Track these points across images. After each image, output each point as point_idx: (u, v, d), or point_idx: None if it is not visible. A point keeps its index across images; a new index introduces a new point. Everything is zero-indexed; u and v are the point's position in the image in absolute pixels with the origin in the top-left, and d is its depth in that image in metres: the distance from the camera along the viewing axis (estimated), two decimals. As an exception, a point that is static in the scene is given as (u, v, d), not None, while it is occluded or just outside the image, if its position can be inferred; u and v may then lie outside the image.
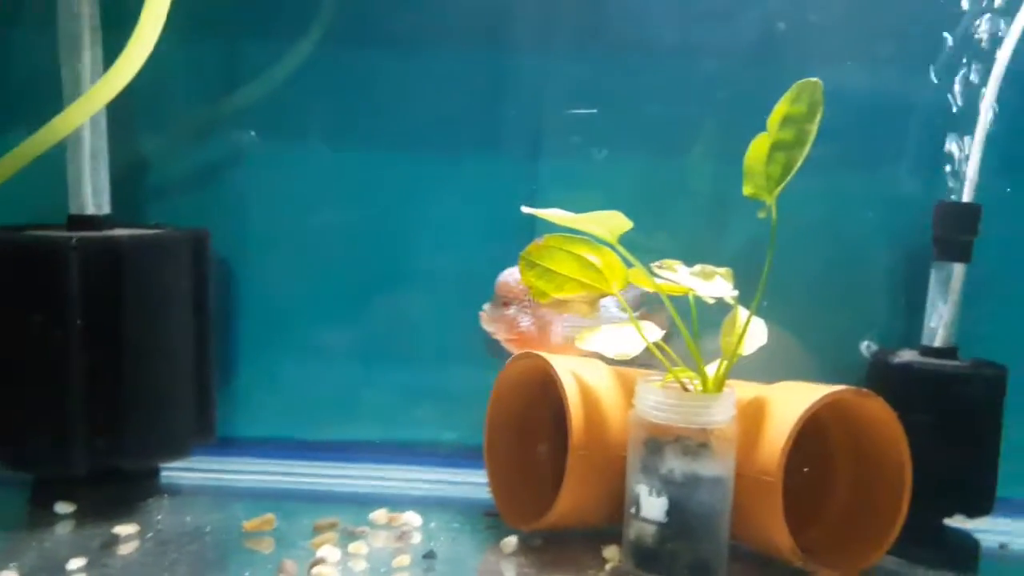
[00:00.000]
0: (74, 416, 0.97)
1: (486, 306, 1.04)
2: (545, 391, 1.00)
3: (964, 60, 1.03)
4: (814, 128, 0.81)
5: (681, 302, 0.89)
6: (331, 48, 1.13)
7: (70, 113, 0.96)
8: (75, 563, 0.87)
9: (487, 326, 1.03)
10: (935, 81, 1.06)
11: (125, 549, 0.91)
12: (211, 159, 1.17)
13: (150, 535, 0.95)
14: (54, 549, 0.91)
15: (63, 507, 1.00)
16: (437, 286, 1.16)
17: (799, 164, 0.81)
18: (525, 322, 1.01)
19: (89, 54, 1.02)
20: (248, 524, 0.97)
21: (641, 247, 0.89)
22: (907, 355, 1.00)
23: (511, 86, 1.13)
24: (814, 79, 0.81)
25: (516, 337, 1.03)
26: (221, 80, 1.15)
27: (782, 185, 0.82)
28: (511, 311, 1.02)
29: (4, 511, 1.02)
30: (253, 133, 1.15)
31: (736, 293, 0.86)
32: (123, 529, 0.94)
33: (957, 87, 1.03)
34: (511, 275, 1.02)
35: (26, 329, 0.96)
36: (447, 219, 1.15)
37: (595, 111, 1.11)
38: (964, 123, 1.02)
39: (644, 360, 0.92)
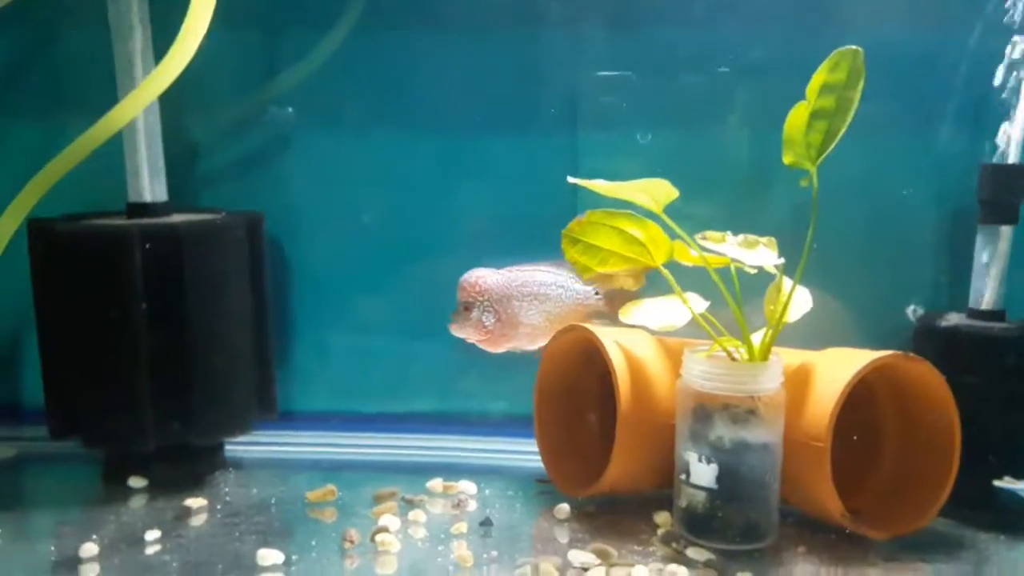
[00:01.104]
0: (144, 395, 1.01)
1: (452, 315, 1.05)
2: (590, 362, 1.02)
3: (1011, 17, 1.01)
4: (856, 96, 0.80)
5: (720, 272, 0.90)
6: (368, 31, 1.14)
7: (126, 105, 0.99)
8: (151, 535, 0.91)
9: (457, 333, 1.04)
10: (981, 39, 1.04)
11: (196, 521, 0.96)
12: (258, 144, 1.19)
13: (219, 507, 0.99)
14: (130, 522, 0.96)
15: (136, 482, 1.05)
16: (480, 261, 1.17)
17: (842, 132, 0.81)
18: (489, 320, 1.02)
19: (140, 39, 1.05)
20: (311, 495, 1.01)
21: (681, 216, 0.90)
22: (954, 318, 1.00)
23: (546, 62, 1.13)
24: (853, 47, 0.81)
25: (486, 337, 1.04)
26: (264, 66, 1.18)
27: (825, 154, 0.82)
28: (474, 313, 1.02)
29: (80, 487, 1.07)
30: (291, 110, 1.17)
31: (781, 262, 0.87)
32: (193, 502, 0.99)
33: (1005, 46, 1.01)
34: (466, 279, 1.03)
35: (94, 314, 1.01)
36: (488, 195, 1.17)
37: (629, 74, 1.11)
38: (1011, 83, 1.00)
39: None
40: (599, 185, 0.89)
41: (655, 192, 0.88)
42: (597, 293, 1.05)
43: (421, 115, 1.16)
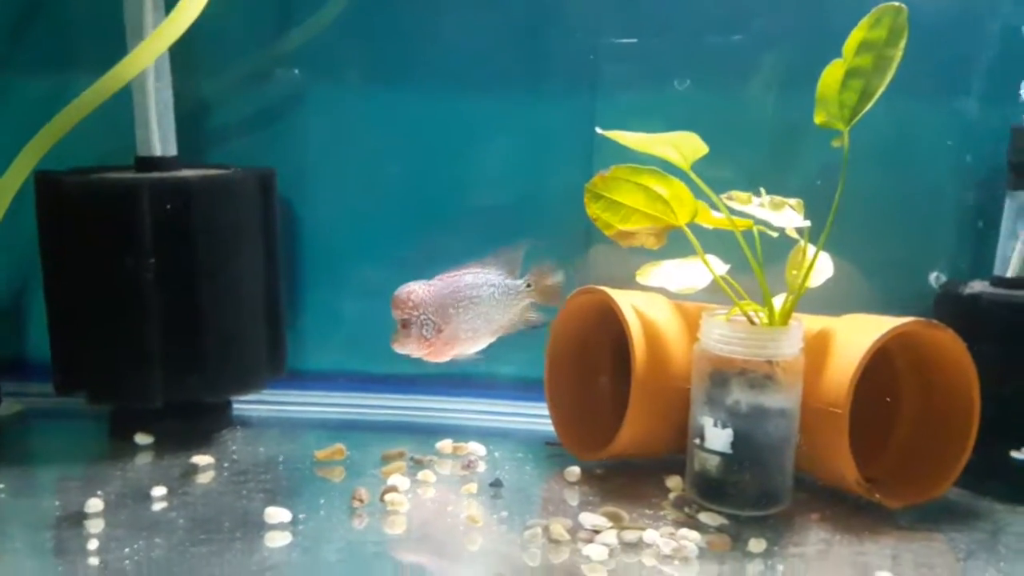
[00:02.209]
0: (151, 351, 1.00)
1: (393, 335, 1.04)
2: (604, 325, 1.01)
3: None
4: (897, 54, 0.78)
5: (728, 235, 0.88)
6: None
7: (135, 57, 0.97)
8: (157, 491, 0.91)
9: (400, 351, 1.03)
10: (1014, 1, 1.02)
11: (203, 478, 0.95)
12: (268, 100, 1.17)
13: (226, 465, 0.99)
14: (136, 478, 0.95)
15: (142, 438, 1.05)
16: (493, 222, 1.16)
17: (880, 92, 0.79)
18: (429, 332, 1.01)
19: (151, -8, 1.03)
20: (320, 454, 1.00)
21: (702, 179, 0.88)
22: (977, 286, 0.98)
23: (565, 18, 1.11)
24: (896, 3, 0.78)
25: (430, 349, 1.03)
26: (276, 21, 1.16)
27: (860, 114, 0.80)
28: (413, 329, 1.01)
29: (86, 442, 1.07)
30: (297, 71, 1.15)
31: (808, 224, 0.85)
32: (200, 459, 0.98)
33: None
34: (398, 296, 1.02)
35: (102, 268, 0.99)
36: (503, 156, 1.15)
37: (637, 45, 1.09)
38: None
39: None
40: (626, 137, 0.87)
41: (684, 147, 0.85)
42: (528, 285, 1.05)
43: (435, 74, 1.14)
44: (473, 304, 1.02)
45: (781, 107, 1.08)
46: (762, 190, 0.86)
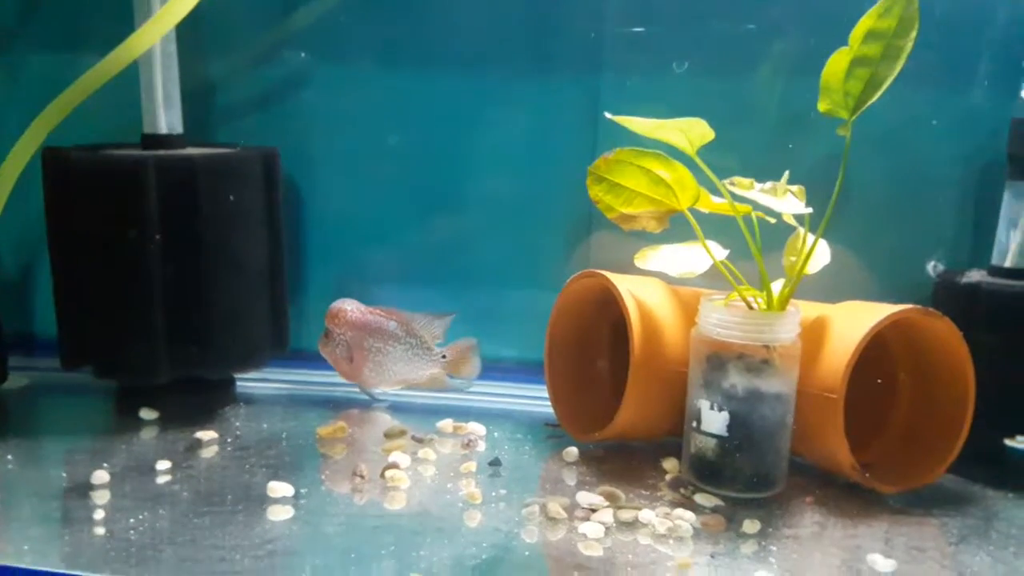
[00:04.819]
0: (157, 327, 1.01)
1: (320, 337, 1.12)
2: (603, 309, 1.02)
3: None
4: (907, 45, 0.77)
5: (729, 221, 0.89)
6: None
7: (143, 34, 0.98)
8: (162, 465, 0.92)
9: (323, 354, 1.11)
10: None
11: (207, 453, 0.97)
12: (275, 81, 1.18)
13: (229, 440, 1.00)
14: (142, 452, 0.96)
15: (147, 414, 1.06)
16: (496, 206, 1.17)
17: (888, 82, 0.78)
18: (342, 352, 1.08)
19: (158, -28, 1.03)
20: (322, 431, 1.01)
21: (707, 163, 0.88)
22: (975, 275, 0.99)
23: (571, 2, 1.11)
24: (908, -6, 0.78)
25: (338, 366, 1.10)
26: (283, 1, 1.16)
27: (866, 104, 0.79)
28: (330, 342, 1.09)
29: (92, 417, 1.08)
30: (304, 55, 1.16)
31: (809, 211, 0.86)
32: (204, 434, 0.99)
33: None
34: (331, 308, 1.08)
35: (108, 245, 1.00)
36: (507, 139, 1.15)
37: (643, 30, 1.09)
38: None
39: None
40: (634, 122, 0.87)
41: (691, 132, 0.85)
42: (444, 356, 1.11)
43: (440, 57, 1.14)
44: (385, 351, 1.09)
45: (785, 95, 1.08)
46: (786, 173, 0.86)
